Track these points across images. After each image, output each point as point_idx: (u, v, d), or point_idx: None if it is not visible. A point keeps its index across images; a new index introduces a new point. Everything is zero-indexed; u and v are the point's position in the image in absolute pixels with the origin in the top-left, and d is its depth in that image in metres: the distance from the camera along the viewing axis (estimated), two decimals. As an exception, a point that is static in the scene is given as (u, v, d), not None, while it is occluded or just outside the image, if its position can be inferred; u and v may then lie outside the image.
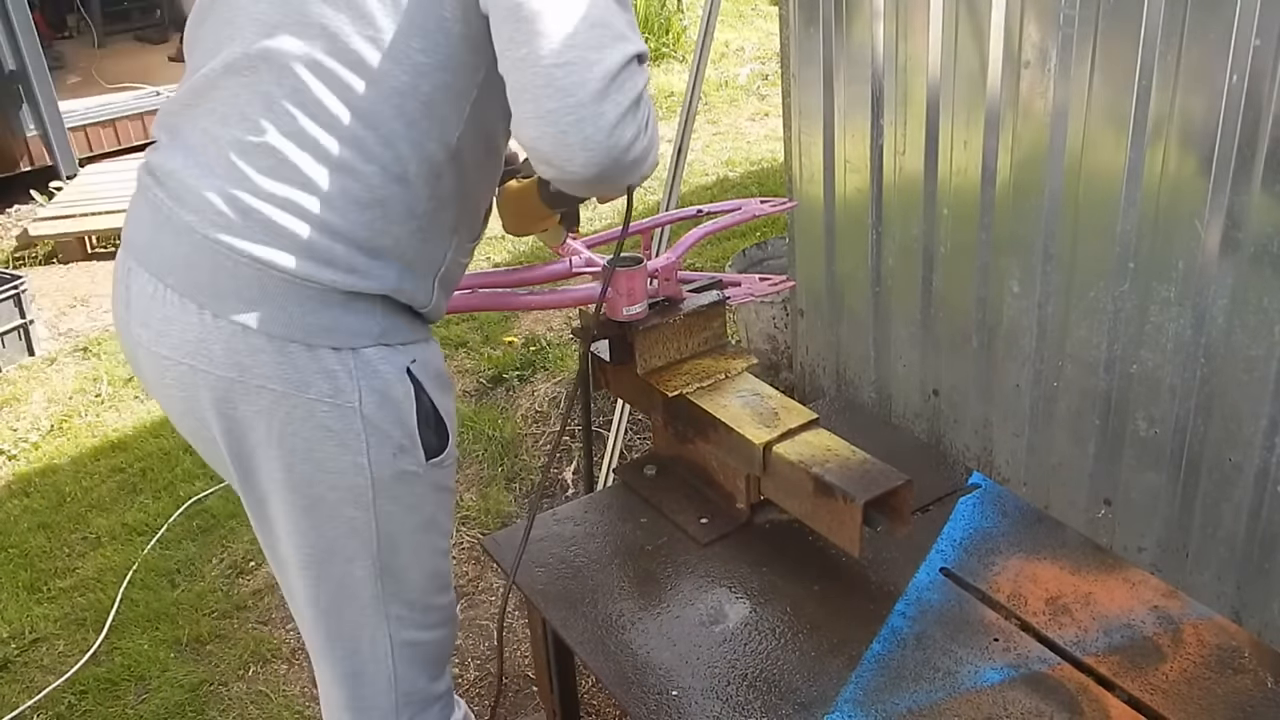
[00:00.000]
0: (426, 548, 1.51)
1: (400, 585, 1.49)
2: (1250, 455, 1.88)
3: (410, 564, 1.49)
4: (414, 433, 1.40)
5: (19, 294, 3.91)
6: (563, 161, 1.17)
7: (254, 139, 1.25)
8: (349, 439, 1.35)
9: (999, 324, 2.28)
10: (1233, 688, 1.37)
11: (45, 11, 6.79)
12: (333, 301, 1.30)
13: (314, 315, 1.30)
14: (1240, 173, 1.73)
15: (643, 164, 1.23)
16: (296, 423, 1.33)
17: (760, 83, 6.96)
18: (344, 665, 1.52)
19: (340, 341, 1.31)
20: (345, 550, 1.43)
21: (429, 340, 1.44)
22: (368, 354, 1.33)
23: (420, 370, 1.39)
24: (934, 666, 1.43)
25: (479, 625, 2.58)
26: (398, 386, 1.36)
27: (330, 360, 1.31)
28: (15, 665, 2.53)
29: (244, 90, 1.26)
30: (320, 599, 1.47)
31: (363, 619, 1.48)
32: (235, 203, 1.26)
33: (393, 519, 1.43)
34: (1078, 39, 1.91)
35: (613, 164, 1.18)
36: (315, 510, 1.39)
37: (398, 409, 1.37)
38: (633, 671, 1.44)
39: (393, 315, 1.36)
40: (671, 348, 1.76)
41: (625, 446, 3.09)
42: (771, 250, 3.54)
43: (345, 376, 1.32)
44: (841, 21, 2.43)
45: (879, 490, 1.47)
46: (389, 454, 1.38)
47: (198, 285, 1.29)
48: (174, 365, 1.33)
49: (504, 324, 4.02)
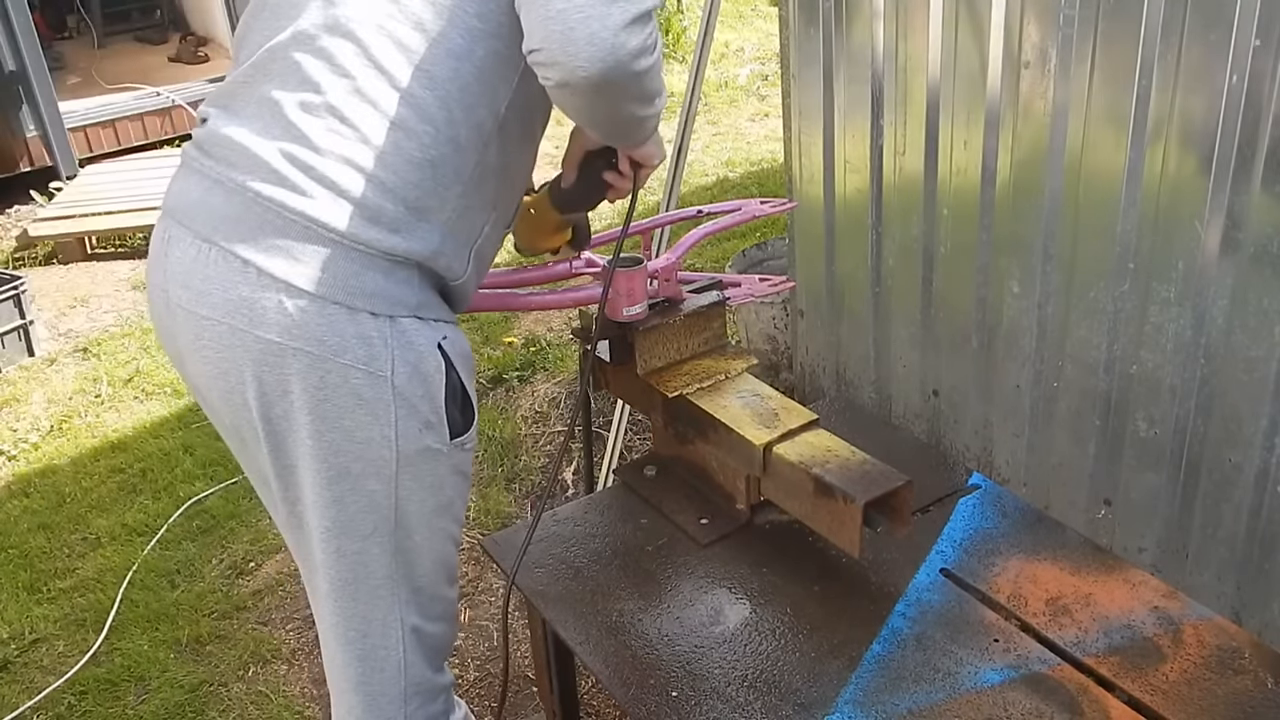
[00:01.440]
0: (440, 533, 1.51)
1: (411, 569, 1.50)
2: (1250, 456, 1.88)
3: (423, 548, 1.49)
4: (441, 409, 1.41)
5: (19, 294, 3.91)
6: (568, 58, 1.19)
7: (315, 98, 1.29)
8: (379, 409, 1.35)
9: (999, 324, 2.28)
10: (1233, 688, 1.37)
11: (45, 12, 6.78)
12: (376, 266, 1.32)
13: (357, 278, 1.31)
14: (1240, 173, 1.73)
15: (648, 78, 1.25)
16: (330, 388, 1.33)
17: (760, 83, 6.96)
18: (356, 646, 1.53)
19: (380, 307, 1.33)
20: (363, 527, 1.44)
21: (457, 323, 1.47)
22: (404, 324, 1.35)
23: (451, 347, 1.41)
24: (934, 667, 1.43)
25: (479, 625, 2.58)
26: (430, 360, 1.38)
27: (369, 325, 1.32)
28: (15, 666, 2.53)
29: (307, 57, 1.31)
30: (338, 573, 1.48)
31: (376, 598, 1.49)
32: (294, 159, 1.29)
33: (412, 497, 1.44)
34: (1078, 39, 1.91)
35: (617, 67, 1.20)
36: (340, 481, 1.40)
37: (427, 383, 1.38)
38: (633, 672, 1.44)
39: (428, 290, 1.39)
40: (671, 348, 1.76)
41: (625, 447, 3.09)
42: (771, 251, 3.54)
43: (380, 344, 1.33)
44: (841, 22, 2.43)
45: (879, 491, 1.47)
46: (416, 428, 1.39)
47: (246, 240, 1.30)
48: (214, 325, 1.34)
49: (504, 324, 4.01)
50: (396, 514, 1.44)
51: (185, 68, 6.49)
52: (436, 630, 1.58)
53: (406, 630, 1.52)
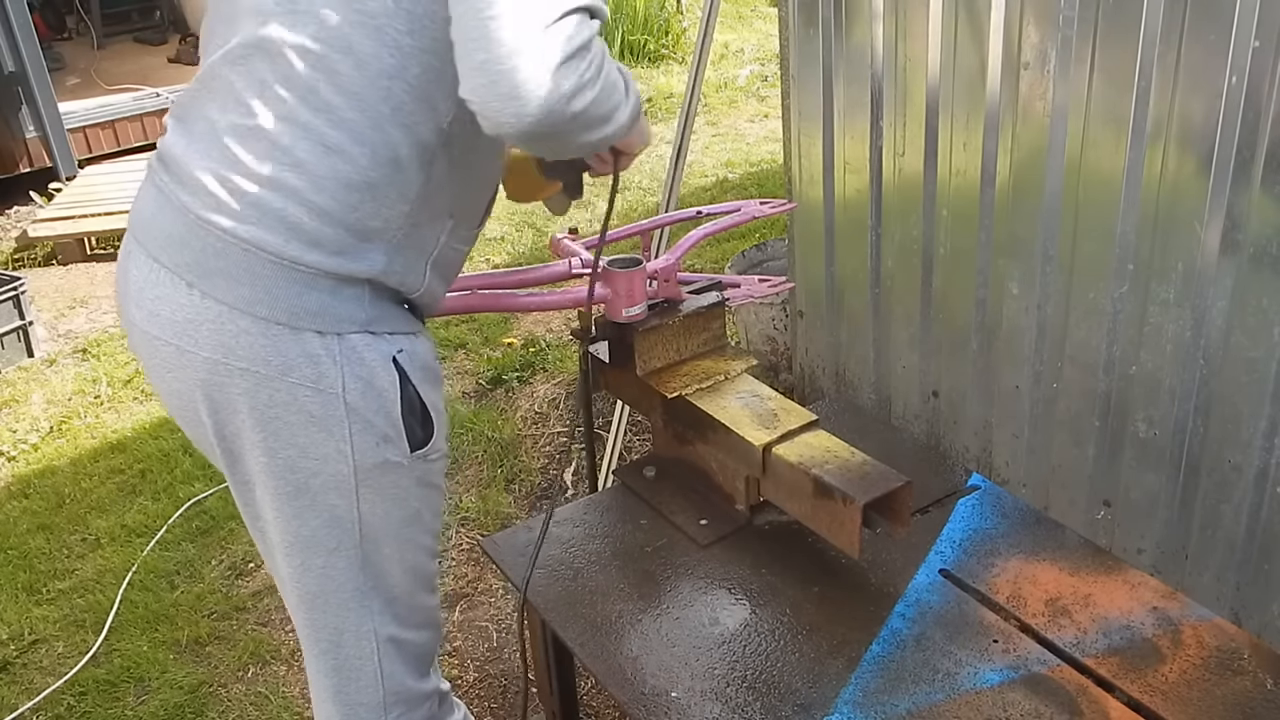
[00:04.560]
0: (411, 544, 1.50)
1: (383, 580, 1.49)
2: (1250, 457, 1.88)
3: (393, 559, 1.49)
4: (398, 423, 1.39)
5: (18, 295, 3.91)
6: (495, 114, 1.14)
7: (248, 123, 1.27)
8: (332, 425, 1.35)
9: (998, 325, 2.28)
10: (1232, 689, 1.37)
11: (45, 13, 6.79)
12: (320, 285, 1.31)
13: (300, 298, 1.30)
14: (1240, 174, 1.73)
15: (589, 112, 1.18)
16: (279, 407, 1.33)
17: (760, 84, 6.96)
18: (329, 657, 1.53)
19: (326, 326, 1.32)
20: (328, 539, 1.43)
21: (420, 334, 1.44)
22: (353, 340, 1.33)
23: (407, 360, 1.39)
24: (933, 668, 1.43)
25: (479, 626, 2.58)
26: (382, 375, 1.36)
27: (315, 344, 1.31)
28: (15, 667, 2.53)
29: (240, 78, 1.28)
30: (304, 586, 1.48)
31: (346, 610, 1.49)
32: (227, 184, 1.27)
33: (375, 510, 1.43)
34: (1077, 40, 1.91)
35: (549, 115, 1.14)
36: (299, 496, 1.40)
37: (381, 398, 1.37)
38: (632, 673, 1.44)
39: (381, 303, 1.37)
40: (671, 349, 1.76)
41: (625, 448, 3.09)
42: (771, 251, 3.54)
43: (329, 362, 1.32)
44: (841, 23, 2.43)
45: (878, 492, 1.47)
46: (372, 442, 1.38)
47: (189, 264, 1.31)
48: (163, 345, 1.35)
49: (503, 325, 4.01)
50: (361, 527, 1.43)
51: (185, 69, 6.49)
52: (417, 638, 1.57)
53: (381, 641, 1.52)
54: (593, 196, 5.34)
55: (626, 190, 5.41)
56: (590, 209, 5.21)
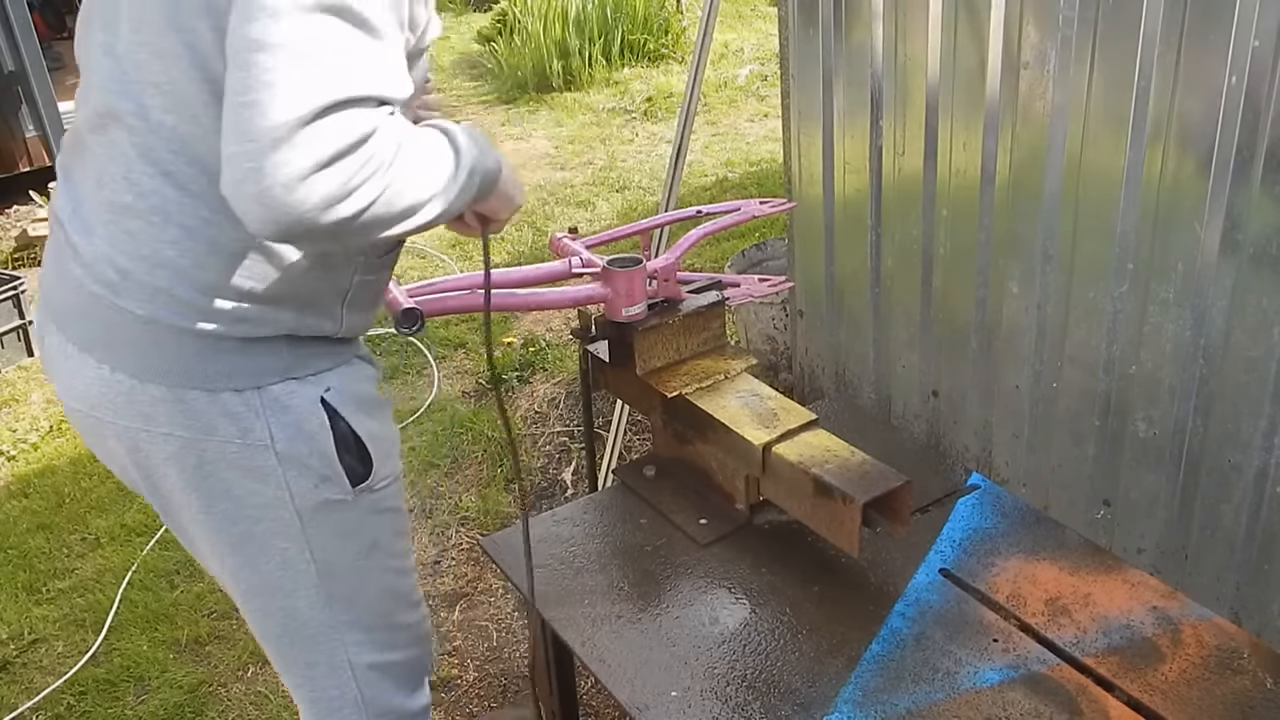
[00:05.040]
0: (376, 570, 1.48)
1: (354, 611, 1.47)
2: (1249, 456, 1.88)
3: (360, 589, 1.47)
4: (335, 463, 1.35)
5: (18, 295, 3.91)
6: (243, 214, 1.03)
7: (122, 200, 1.21)
8: (266, 474, 1.32)
9: (998, 325, 2.28)
10: (1232, 688, 1.37)
11: (45, 12, 6.78)
12: (226, 348, 1.26)
13: (210, 363, 1.26)
14: (1239, 173, 1.73)
15: (373, 219, 1.07)
16: (209, 465, 1.30)
17: (759, 84, 6.96)
18: (305, 690, 1.52)
19: (241, 383, 1.28)
20: (283, 584, 1.41)
21: (350, 363, 1.39)
22: (274, 390, 1.30)
23: (336, 397, 1.34)
24: (933, 667, 1.43)
25: (479, 625, 2.58)
26: (311, 419, 1.32)
27: (234, 403, 1.28)
28: (14, 666, 2.53)
29: (103, 149, 1.22)
30: (268, 629, 1.47)
31: (316, 646, 1.47)
32: (114, 263, 1.23)
33: (328, 548, 1.41)
34: (1077, 40, 1.91)
35: (295, 225, 1.02)
36: (245, 546, 1.38)
37: (313, 441, 1.33)
38: (632, 672, 1.44)
39: (300, 347, 1.32)
40: (671, 348, 1.76)
41: (625, 447, 3.09)
42: (771, 251, 3.54)
43: (252, 416, 1.29)
44: (841, 23, 2.43)
45: (878, 491, 1.47)
46: (310, 485, 1.35)
47: (93, 339, 1.27)
48: (84, 417, 1.33)
49: (503, 325, 4.02)
50: (317, 566, 1.41)
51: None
52: (402, 658, 1.56)
53: (359, 669, 1.50)
54: (592, 196, 5.35)
55: (626, 190, 5.41)
56: (590, 209, 5.21)
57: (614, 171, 5.68)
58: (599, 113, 6.75)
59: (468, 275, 1.69)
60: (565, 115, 6.76)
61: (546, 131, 6.52)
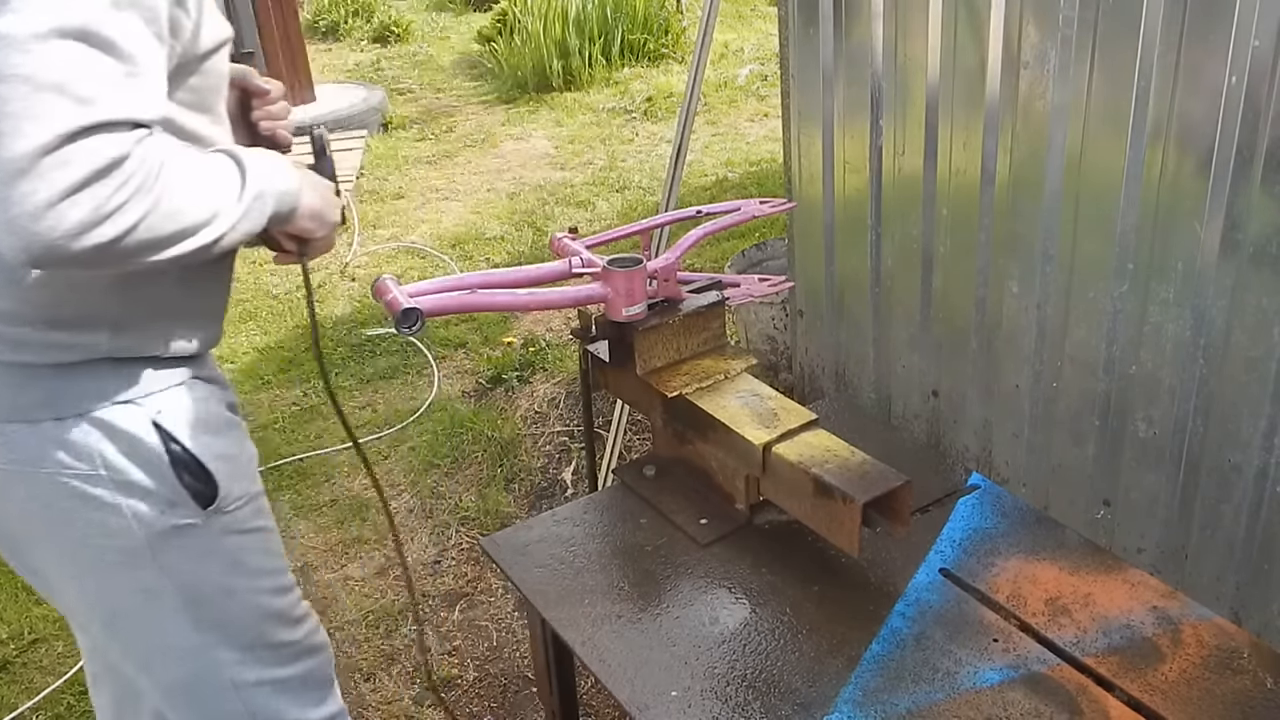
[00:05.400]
0: (244, 591, 1.45)
1: (227, 631, 1.45)
2: (1249, 456, 1.88)
3: (229, 610, 1.44)
4: (175, 485, 1.33)
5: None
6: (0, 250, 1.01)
7: None
8: (104, 503, 1.29)
9: (998, 325, 2.28)
10: (1232, 688, 1.37)
11: None
12: (43, 375, 1.24)
13: (26, 393, 1.24)
14: (1239, 173, 1.73)
15: (136, 244, 1.05)
16: (45, 496, 1.28)
17: (759, 83, 6.96)
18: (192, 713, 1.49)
19: (63, 411, 1.25)
20: (145, 610, 1.39)
21: (188, 384, 1.36)
22: (100, 416, 1.27)
23: (170, 420, 1.32)
24: (933, 667, 1.43)
25: (479, 625, 2.58)
26: (143, 443, 1.30)
27: (58, 432, 1.25)
28: (14, 666, 2.53)
29: None
30: (138, 658, 1.44)
31: (193, 669, 1.45)
32: None
33: (185, 572, 1.38)
34: (1077, 39, 1.91)
35: (48, 252, 1.00)
36: (96, 574, 1.35)
37: (149, 464, 1.30)
38: (632, 672, 1.44)
39: (123, 369, 1.29)
40: (671, 348, 1.76)
41: (625, 447, 3.09)
42: (770, 251, 3.54)
43: (80, 444, 1.26)
44: (841, 22, 2.43)
45: (878, 491, 1.47)
46: (155, 511, 1.32)
47: None
48: None
49: (503, 325, 4.02)
50: (178, 592, 1.38)
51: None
52: (292, 673, 1.54)
53: (244, 688, 1.48)
54: (592, 196, 5.35)
55: (626, 190, 5.41)
56: (590, 209, 5.21)
57: (614, 171, 5.69)
58: (599, 113, 6.75)
59: (468, 275, 1.69)
60: (565, 115, 6.76)
61: (546, 131, 6.52)
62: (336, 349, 3.95)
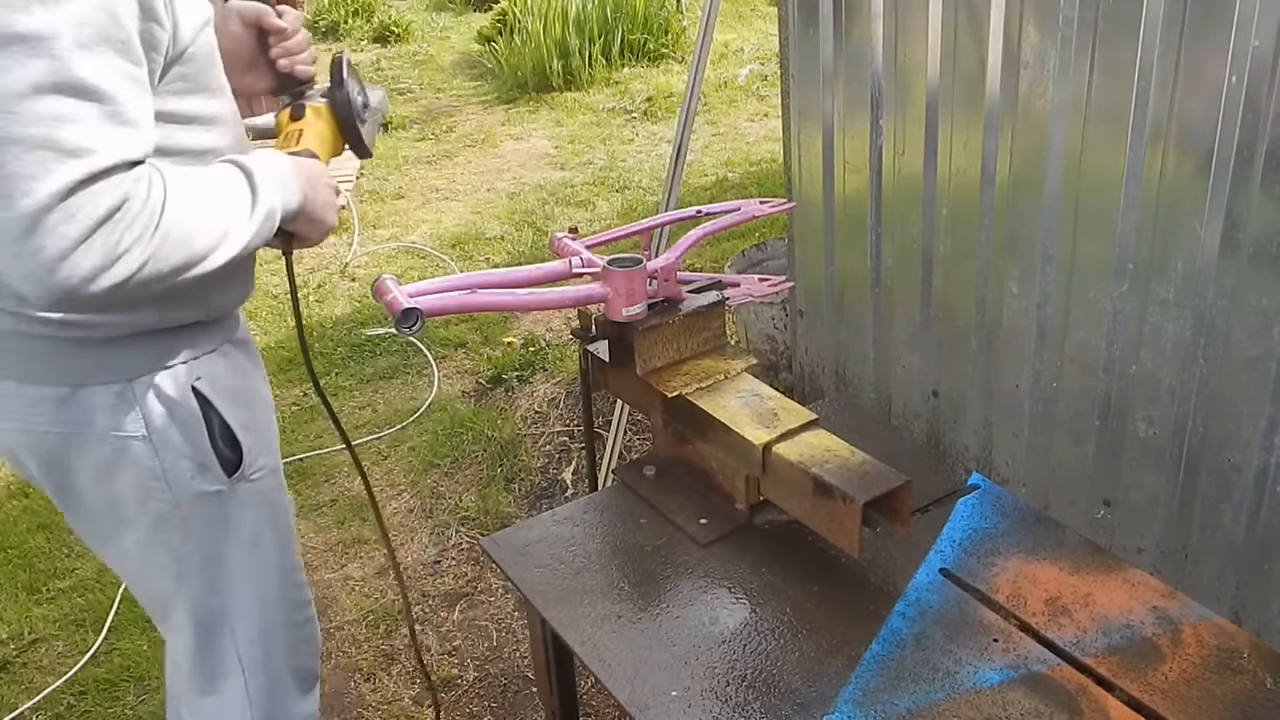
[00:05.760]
0: (259, 564, 1.54)
1: (240, 603, 1.53)
2: (1249, 456, 1.88)
3: (245, 582, 1.53)
4: (208, 451, 1.41)
5: (18, 294, 3.90)
6: (26, 294, 1.09)
7: None
8: (143, 465, 1.38)
9: (998, 325, 2.28)
10: (1232, 688, 1.37)
11: None
12: (92, 346, 1.32)
13: (78, 360, 1.32)
14: (1239, 173, 1.73)
15: (153, 274, 1.12)
16: (89, 457, 1.36)
17: (759, 83, 6.96)
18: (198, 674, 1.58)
19: (112, 376, 1.34)
20: (171, 568, 1.48)
21: (223, 350, 1.44)
22: (145, 381, 1.35)
23: (208, 387, 1.40)
24: (933, 667, 1.43)
25: (479, 625, 2.58)
26: (182, 407, 1.38)
27: (105, 396, 1.34)
28: (14, 666, 2.53)
29: None
30: (158, 611, 1.56)
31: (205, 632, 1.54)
32: None
33: (209, 539, 1.47)
34: (1077, 39, 1.91)
35: (70, 296, 1.07)
36: (133, 533, 1.44)
37: (186, 429, 1.39)
38: (632, 672, 1.44)
39: (168, 337, 1.37)
40: (671, 348, 1.76)
41: (625, 447, 3.09)
42: (770, 251, 3.54)
43: (124, 408, 1.35)
44: (841, 22, 2.43)
45: (878, 491, 1.47)
46: (187, 475, 1.41)
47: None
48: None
49: (503, 325, 4.02)
50: (200, 557, 1.48)
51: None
52: (289, 659, 1.62)
53: (248, 663, 1.57)
54: (592, 196, 5.35)
55: (626, 190, 5.41)
56: (590, 209, 5.21)
57: (614, 171, 5.68)
58: (599, 112, 6.75)
59: (468, 275, 1.69)
60: (565, 115, 6.76)
61: (546, 131, 6.52)
62: (336, 349, 3.95)
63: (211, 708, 1.58)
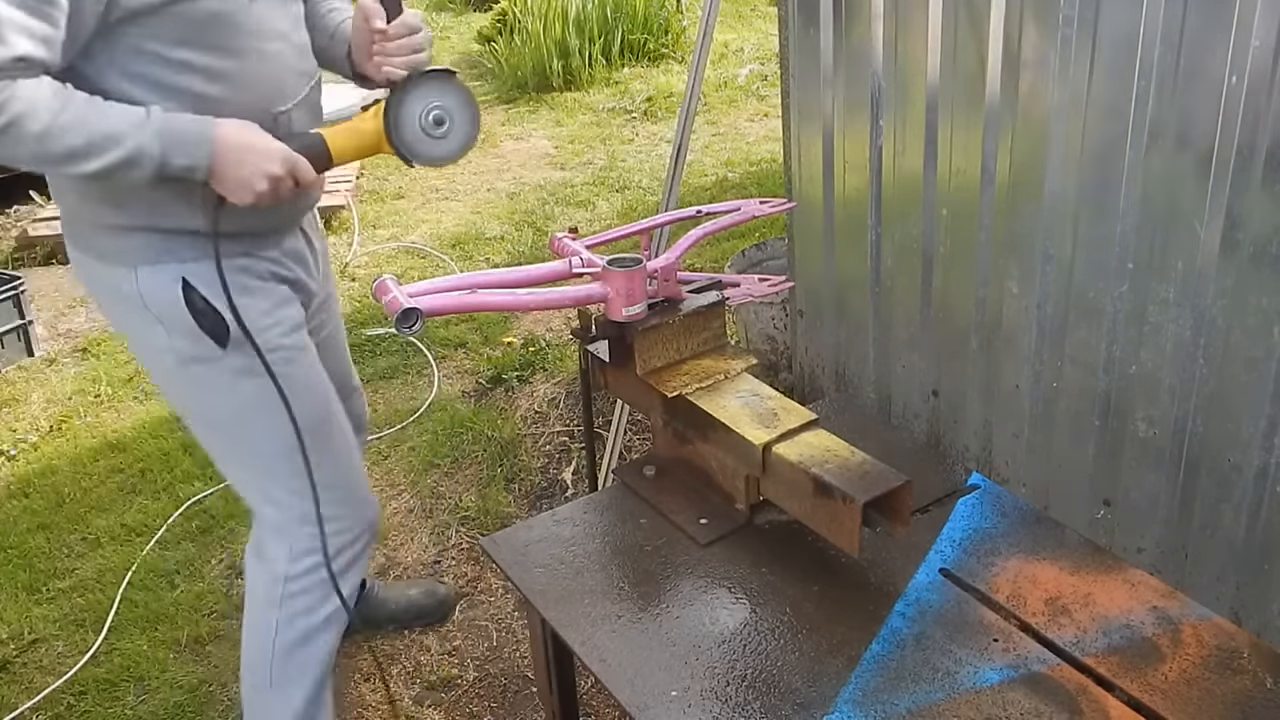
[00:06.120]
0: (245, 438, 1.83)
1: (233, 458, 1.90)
2: (1249, 456, 1.88)
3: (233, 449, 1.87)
4: (194, 328, 1.69)
5: (18, 294, 3.91)
6: None
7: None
8: (150, 326, 1.73)
9: (998, 325, 2.28)
10: (1232, 688, 1.37)
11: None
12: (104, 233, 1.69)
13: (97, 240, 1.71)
14: (1240, 173, 1.73)
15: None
16: (119, 313, 1.78)
17: (759, 83, 6.96)
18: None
19: (118, 260, 1.69)
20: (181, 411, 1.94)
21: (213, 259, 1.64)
22: (144, 271, 1.69)
23: (196, 279, 1.68)
24: (933, 667, 1.43)
25: (479, 625, 2.58)
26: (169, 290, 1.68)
27: (117, 273, 1.70)
28: (14, 666, 2.53)
29: None
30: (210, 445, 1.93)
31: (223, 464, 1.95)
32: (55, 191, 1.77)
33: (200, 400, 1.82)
34: (1077, 39, 1.91)
35: None
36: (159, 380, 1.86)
37: (175, 308, 1.69)
38: (632, 672, 1.44)
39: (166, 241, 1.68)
40: (671, 348, 1.76)
41: (625, 447, 3.09)
42: (770, 251, 3.54)
43: (132, 283, 1.69)
44: (841, 22, 2.43)
45: (878, 491, 1.47)
46: (184, 342, 1.72)
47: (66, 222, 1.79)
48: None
49: (503, 325, 4.01)
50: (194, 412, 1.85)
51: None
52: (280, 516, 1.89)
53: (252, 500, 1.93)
54: (592, 196, 5.35)
55: (626, 190, 5.41)
56: (590, 209, 5.21)
57: (614, 171, 5.68)
58: (599, 112, 6.75)
59: (468, 275, 1.69)
60: (565, 115, 6.76)
61: (546, 131, 6.52)
62: (336, 349, 3.94)
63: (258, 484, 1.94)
